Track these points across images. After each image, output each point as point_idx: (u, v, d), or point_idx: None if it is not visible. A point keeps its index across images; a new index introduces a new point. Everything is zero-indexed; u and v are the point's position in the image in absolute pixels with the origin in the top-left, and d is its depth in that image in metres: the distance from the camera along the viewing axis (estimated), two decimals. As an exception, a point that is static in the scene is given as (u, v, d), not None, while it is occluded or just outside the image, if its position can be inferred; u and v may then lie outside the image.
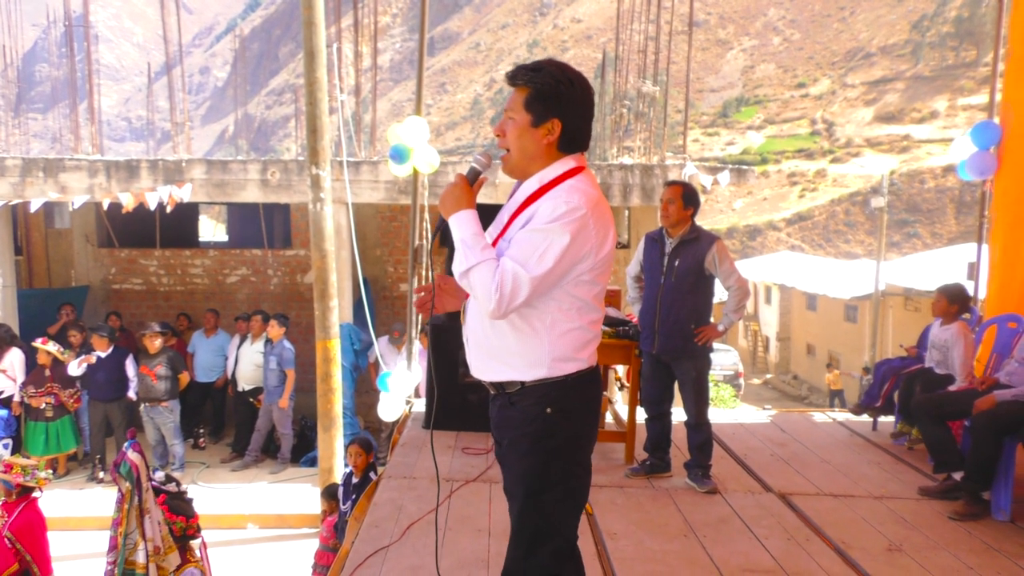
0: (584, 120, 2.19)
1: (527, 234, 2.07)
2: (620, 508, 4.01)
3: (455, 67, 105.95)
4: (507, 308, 2.04)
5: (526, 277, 2.02)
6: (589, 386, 2.22)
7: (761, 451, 5.13)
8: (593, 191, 2.12)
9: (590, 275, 2.12)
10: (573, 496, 2.22)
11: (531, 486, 2.18)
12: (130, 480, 4.19)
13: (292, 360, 8.91)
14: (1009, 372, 4.08)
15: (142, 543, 4.22)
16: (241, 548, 7.33)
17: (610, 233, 2.14)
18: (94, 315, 11.06)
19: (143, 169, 9.21)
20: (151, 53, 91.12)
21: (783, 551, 3.52)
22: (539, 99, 2.13)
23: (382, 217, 11.70)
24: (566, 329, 2.14)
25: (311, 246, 6.86)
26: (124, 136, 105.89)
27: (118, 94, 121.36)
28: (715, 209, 62.45)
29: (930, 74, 71.43)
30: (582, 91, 2.15)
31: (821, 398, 22.71)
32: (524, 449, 2.19)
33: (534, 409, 2.16)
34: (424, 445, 5.02)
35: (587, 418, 2.24)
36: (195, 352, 9.88)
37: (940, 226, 55.06)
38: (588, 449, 2.28)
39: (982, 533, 3.73)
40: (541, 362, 2.15)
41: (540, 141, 2.15)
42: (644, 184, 9.11)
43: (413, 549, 3.49)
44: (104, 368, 8.56)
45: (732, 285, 4.26)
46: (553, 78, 2.12)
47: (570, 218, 2.04)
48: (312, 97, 6.54)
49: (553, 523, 2.20)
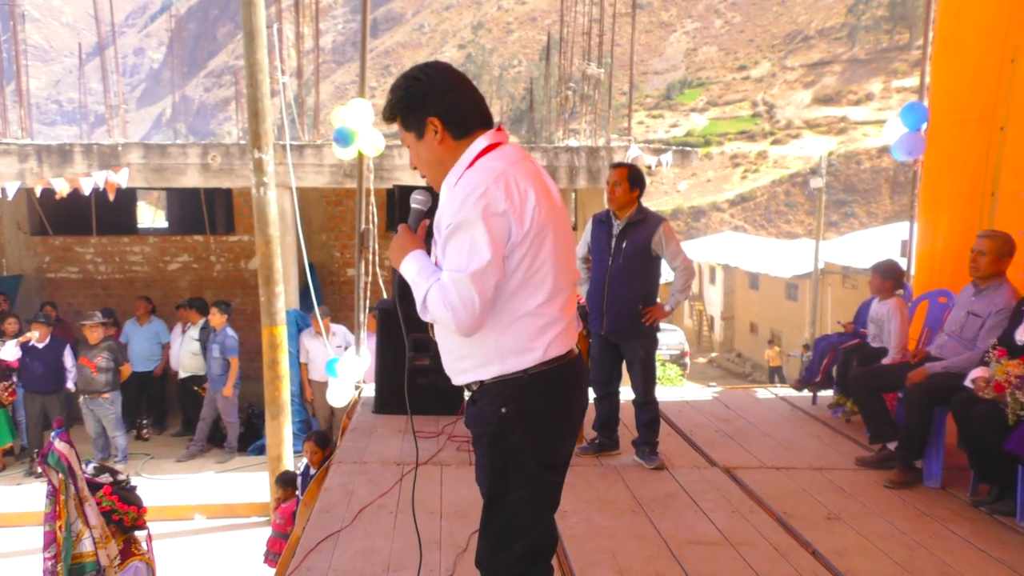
0: (459, 98, 2.06)
1: (446, 241, 1.98)
2: (570, 486, 3.96)
3: (399, 49, 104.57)
4: (469, 317, 1.92)
5: (465, 279, 1.91)
6: (553, 383, 2.06)
7: (706, 427, 5.23)
8: (499, 164, 1.99)
9: (523, 248, 1.97)
10: (540, 497, 2.12)
11: (493, 485, 2.11)
12: (61, 470, 4.06)
13: (235, 348, 8.74)
14: (940, 345, 4.24)
15: (87, 531, 4.12)
16: (188, 539, 7.20)
17: (530, 196, 1.97)
18: (28, 305, 10.66)
19: (77, 154, 8.87)
20: (82, 33, 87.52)
21: (728, 523, 3.61)
22: (406, 114, 2.07)
23: (327, 201, 11.53)
24: (513, 318, 2.01)
25: (255, 231, 6.72)
26: (55, 120, 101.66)
27: (47, 76, 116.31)
28: (660, 191, 63.13)
29: (865, 57, 73.21)
30: (433, 77, 2.05)
31: (764, 375, 23.30)
32: (484, 448, 2.12)
33: (490, 408, 2.07)
34: (374, 430, 4.99)
35: (552, 417, 2.08)
36: (129, 341, 9.62)
37: (876, 206, 56.55)
38: (560, 449, 2.15)
39: (915, 500, 3.87)
40: (491, 359, 2.04)
41: (434, 146, 2.07)
42: (590, 166, 9.17)
43: (365, 533, 3.47)
44: (41, 359, 8.28)
45: (678, 266, 4.31)
46: (402, 88, 2.07)
47: (471, 201, 1.92)
48: (253, 79, 6.38)
49: (520, 524, 2.11)
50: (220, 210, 11.91)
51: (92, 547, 4.10)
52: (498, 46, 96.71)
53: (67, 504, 4.06)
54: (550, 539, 2.19)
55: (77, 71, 19.54)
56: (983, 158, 4.88)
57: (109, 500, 4.33)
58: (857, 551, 3.32)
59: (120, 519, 4.32)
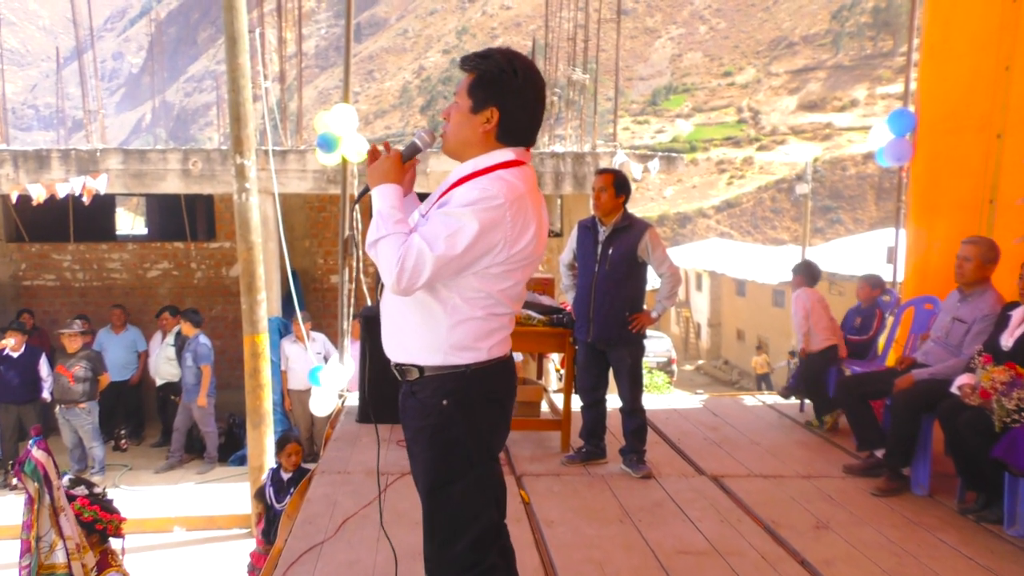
0: (526, 112, 2.13)
1: (440, 215, 2.03)
2: (557, 496, 4.02)
3: (383, 54, 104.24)
4: (407, 284, 1.98)
5: (430, 256, 1.96)
6: (492, 378, 2.15)
7: (694, 435, 5.21)
8: (520, 185, 2.06)
9: (500, 269, 2.06)
10: (482, 485, 2.17)
11: (436, 479, 2.15)
12: (36, 479, 3.99)
13: (208, 356, 8.59)
14: (926, 351, 4.25)
15: (60, 542, 4.04)
16: (168, 552, 7.06)
17: (530, 230, 2.06)
18: (3, 313, 10.46)
19: (54, 159, 8.74)
20: (59, 37, 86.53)
21: (716, 532, 3.59)
22: (480, 85, 2.09)
23: (310, 207, 11.43)
24: (466, 317, 2.08)
25: (237, 238, 6.63)
26: (31, 125, 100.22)
27: (23, 80, 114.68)
28: (646, 197, 62.97)
29: (850, 63, 73.20)
30: (527, 82, 2.10)
31: (751, 382, 23.22)
32: (424, 442, 2.15)
33: (431, 400, 2.12)
34: (358, 439, 4.93)
35: (490, 410, 2.17)
36: (104, 350, 9.43)
37: (861, 212, 56.58)
38: (496, 440, 2.23)
39: (903, 508, 3.87)
40: (438, 347, 2.10)
41: (477, 128, 2.11)
42: (576, 172, 9.17)
43: (348, 544, 3.42)
44: (16, 369, 8.10)
45: (665, 272, 4.30)
46: (497, 66, 2.08)
47: (483, 205, 1.99)
48: (234, 84, 6.30)
49: (466, 514, 2.15)
50: (201, 216, 11.77)
51: (65, 558, 4.03)
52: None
53: (40, 514, 3.98)
54: (495, 529, 2.23)
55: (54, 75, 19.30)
56: (981, 166, 4.88)
57: (91, 510, 4.26)
58: (845, 560, 3.31)
59: (104, 528, 4.27)
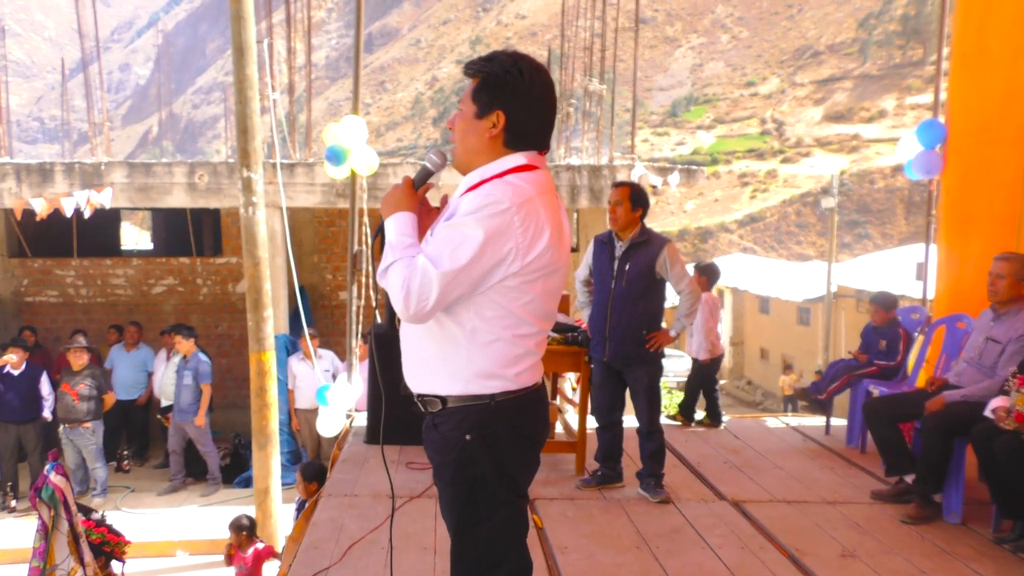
0: (534, 115, 2.01)
1: (443, 228, 1.93)
2: (571, 521, 3.90)
3: (395, 64, 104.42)
4: (417, 308, 1.86)
5: (435, 274, 1.85)
6: (521, 410, 2.01)
7: (714, 458, 5.07)
8: (529, 188, 1.93)
9: (516, 281, 1.92)
10: (509, 524, 2.06)
11: (461, 517, 2.05)
12: (54, 505, 3.93)
13: (208, 374, 8.45)
14: (958, 373, 4.10)
15: (80, 570, 3.98)
16: (169, 576, 6.92)
17: (544, 235, 1.92)
18: (5, 330, 10.37)
19: (58, 173, 8.68)
20: (65, 48, 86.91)
21: (737, 560, 3.46)
22: (485, 89, 2.00)
23: (319, 222, 11.36)
24: (488, 340, 1.95)
25: (243, 253, 6.53)
26: (36, 138, 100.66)
27: (29, 92, 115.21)
28: (666, 211, 61.79)
29: (878, 73, 71.72)
30: (533, 83, 1.98)
31: (776, 403, 22.63)
32: (447, 478, 2.05)
33: (453, 434, 2.00)
34: (365, 461, 4.80)
35: (516, 444, 2.04)
36: (114, 368, 9.31)
37: (890, 226, 55.35)
38: (524, 477, 2.11)
39: (934, 536, 3.72)
40: (460, 374, 1.97)
41: (483, 134, 2.00)
42: (592, 185, 9.05)
43: (355, 571, 3.30)
44: (16, 388, 7.97)
45: (684, 289, 4.20)
46: (502, 67, 1.98)
47: (487, 212, 1.87)
48: (242, 96, 6.22)
49: (495, 554, 2.04)
50: (207, 231, 11.71)
51: None
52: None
53: (56, 541, 3.93)
54: (526, 565, 2.12)
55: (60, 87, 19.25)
56: (1016, 179, 4.71)
57: (98, 532, 4.22)
58: (875, 591, 3.16)
59: (111, 550, 4.23)
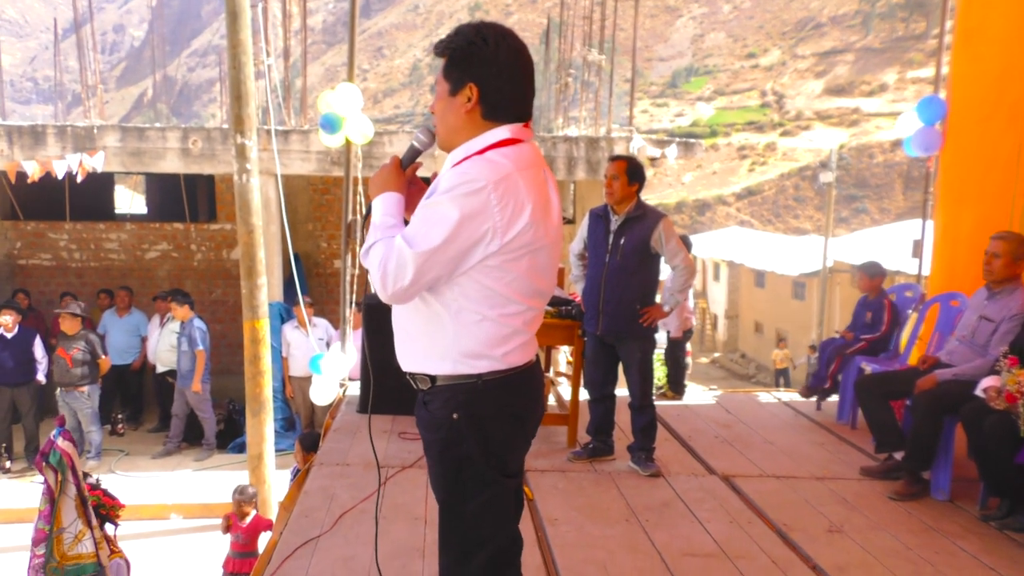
0: (507, 82, 1.94)
1: (422, 208, 1.91)
2: (562, 493, 3.92)
3: (393, 30, 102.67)
4: (394, 288, 1.85)
5: (409, 254, 1.83)
6: (510, 389, 1.99)
7: (705, 433, 5.09)
8: (507, 164, 1.88)
9: (497, 260, 1.88)
10: (498, 505, 2.04)
11: (448, 495, 2.04)
12: (61, 470, 3.97)
13: (203, 339, 8.46)
14: (950, 351, 4.11)
15: (88, 532, 4.03)
16: (163, 539, 6.97)
17: (524, 213, 1.87)
18: (-1, 293, 10.34)
19: (50, 135, 8.58)
20: (58, 8, 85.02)
21: (725, 534, 3.49)
22: (454, 64, 1.96)
23: (314, 189, 11.28)
24: (474, 320, 1.93)
25: (237, 220, 6.48)
26: (30, 98, 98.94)
27: (22, 52, 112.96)
28: (664, 183, 60.88)
29: (880, 46, 70.14)
30: (500, 49, 1.92)
31: (768, 377, 22.55)
32: (434, 456, 2.04)
33: (441, 413, 1.99)
34: (358, 430, 4.81)
35: (505, 424, 2.01)
36: (107, 333, 9.30)
37: (888, 201, 54.60)
38: (512, 457, 2.08)
39: (922, 513, 3.75)
40: (446, 354, 1.95)
41: (460, 110, 1.96)
42: (589, 157, 8.97)
43: (345, 539, 3.33)
44: (10, 350, 7.98)
45: (678, 264, 4.18)
46: (466, 39, 1.93)
47: (462, 191, 1.83)
48: (235, 61, 6.11)
49: (480, 534, 2.02)
50: (201, 197, 11.62)
51: (93, 547, 4.10)
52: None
53: (63, 504, 3.98)
54: (513, 545, 2.11)
55: (53, 48, 18.83)
56: (1012, 157, 4.68)
57: (94, 495, 4.25)
58: (860, 566, 3.20)
59: (106, 513, 4.27)
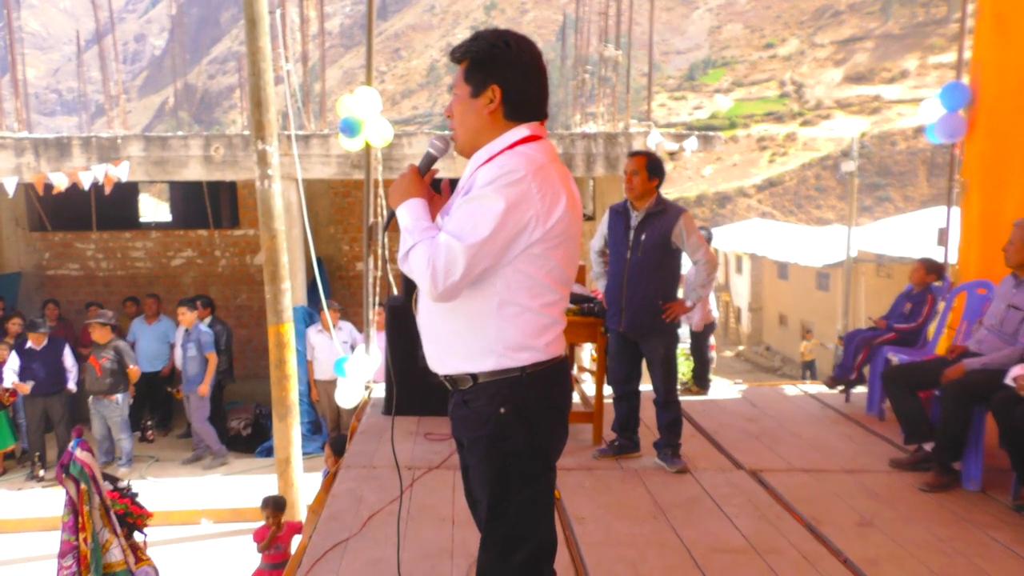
0: (529, 83, 2.04)
1: (462, 203, 1.95)
2: (588, 491, 3.92)
3: (409, 31, 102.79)
4: (445, 285, 1.88)
5: (460, 247, 1.87)
6: (551, 381, 2.04)
7: (732, 427, 5.06)
8: (541, 156, 1.98)
9: (540, 248, 1.95)
10: (540, 500, 2.08)
11: (495, 491, 2.05)
12: (84, 480, 4.01)
13: (211, 343, 8.52)
14: (979, 340, 4.05)
15: (115, 540, 4.09)
16: (194, 544, 7.06)
17: (560, 201, 1.96)
18: (28, 303, 10.53)
19: (75, 147, 8.71)
20: (80, 19, 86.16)
21: (754, 529, 3.46)
22: (476, 67, 2.03)
23: (335, 193, 11.35)
24: (516, 311, 1.97)
25: (260, 226, 6.55)
26: (55, 110, 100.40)
27: (46, 64, 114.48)
28: (683, 176, 60.34)
29: (900, 32, 68.94)
30: (521, 53, 2.02)
31: (794, 369, 22.32)
32: (482, 452, 2.06)
33: (487, 409, 2.01)
34: (384, 432, 4.84)
35: (549, 416, 2.07)
36: (137, 340, 9.41)
37: (912, 189, 53.77)
38: (553, 448, 2.13)
39: (953, 504, 3.71)
40: (491, 349, 1.99)
41: (482, 112, 2.03)
42: (608, 153, 8.93)
43: (374, 541, 3.34)
44: (41, 361, 8.11)
45: (700, 259, 4.17)
46: (488, 43, 2.02)
47: (505, 181, 1.89)
48: (255, 67, 6.18)
49: (525, 528, 2.07)
50: (225, 203, 11.75)
51: (121, 555, 4.15)
52: (512, 27, 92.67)
53: (91, 515, 4.02)
54: (552, 539, 2.15)
55: (76, 59, 19.09)
56: None
57: (121, 503, 4.28)
58: (891, 559, 3.16)
59: (134, 522, 4.30)
